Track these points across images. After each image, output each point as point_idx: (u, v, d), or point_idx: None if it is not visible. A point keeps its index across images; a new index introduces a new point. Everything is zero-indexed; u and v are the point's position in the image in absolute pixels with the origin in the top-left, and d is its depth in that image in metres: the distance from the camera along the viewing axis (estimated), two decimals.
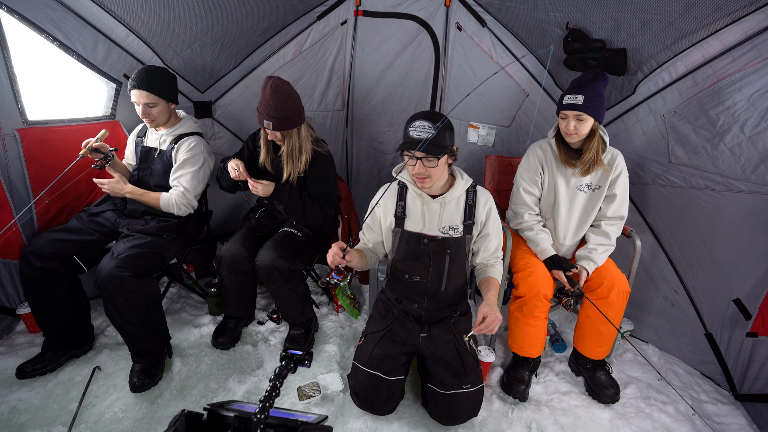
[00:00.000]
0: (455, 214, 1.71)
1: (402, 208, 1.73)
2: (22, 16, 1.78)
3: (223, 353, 2.12)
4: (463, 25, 2.53)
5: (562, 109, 1.82)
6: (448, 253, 1.71)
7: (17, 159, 1.91)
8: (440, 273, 1.74)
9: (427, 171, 1.57)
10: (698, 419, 1.85)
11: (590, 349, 1.97)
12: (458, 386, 1.64)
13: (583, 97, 1.75)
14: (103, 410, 1.72)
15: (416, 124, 1.54)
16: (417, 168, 1.56)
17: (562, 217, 1.99)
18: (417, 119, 1.55)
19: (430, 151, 1.52)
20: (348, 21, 2.65)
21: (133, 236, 1.91)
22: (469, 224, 1.71)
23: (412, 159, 1.56)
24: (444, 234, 1.70)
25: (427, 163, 1.55)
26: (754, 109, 1.69)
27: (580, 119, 1.79)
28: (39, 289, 1.80)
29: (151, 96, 1.93)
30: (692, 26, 1.73)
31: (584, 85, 1.77)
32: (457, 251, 1.72)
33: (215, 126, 2.74)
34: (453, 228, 1.70)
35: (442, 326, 1.78)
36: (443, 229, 1.70)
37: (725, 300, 1.98)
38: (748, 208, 1.81)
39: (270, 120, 1.90)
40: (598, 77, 1.79)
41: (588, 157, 1.85)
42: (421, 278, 1.76)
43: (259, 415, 0.86)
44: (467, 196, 1.73)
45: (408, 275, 1.77)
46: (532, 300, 1.85)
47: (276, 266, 1.96)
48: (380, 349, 1.71)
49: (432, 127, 1.51)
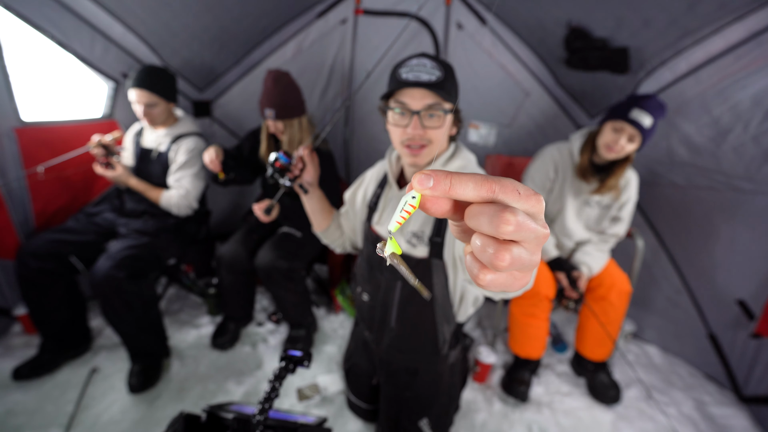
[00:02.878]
0: (427, 217, 1.14)
1: (377, 197, 1.27)
2: (18, 13, 1.76)
3: (222, 354, 2.10)
4: (463, 24, 2.52)
5: (623, 120, 1.65)
6: (399, 277, 1.21)
7: (14, 159, 1.89)
8: (389, 302, 1.25)
9: (426, 134, 1.03)
10: (701, 420, 1.83)
11: (591, 351, 1.96)
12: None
13: (652, 121, 1.62)
14: (101, 412, 1.70)
15: (413, 63, 1.01)
16: (412, 127, 1.02)
17: (566, 225, 1.96)
18: (413, 58, 1.03)
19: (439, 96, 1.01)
20: (348, 19, 2.64)
21: (130, 236, 1.90)
22: (436, 242, 1.11)
23: (403, 115, 1.03)
24: (406, 242, 1.16)
25: (428, 121, 1.02)
26: (758, 108, 1.67)
27: (633, 140, 1.67)
28: (36, 289, 1.79)
29: (151, 96, 1.91)
30: (695, 24, 1.72)
31: (655, 110, 1.63)
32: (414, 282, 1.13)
33: (214, 125, 2.73)
34: (418, 236, 1.14)
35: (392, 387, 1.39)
36: (407, 236, 1.17)
37: (728, 301, 1.96)
38: (751, 208, 1.80)
39: (272, 109, 1.91)
40: (664, 107, 1.66)
41: (611, 183, 1.79)
42: (370, 298, 1.31)
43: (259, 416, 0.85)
44: None
45: (360, 289, 1.35)
46: (533, 300, 1.84)
47: (276, 266, 1.94)
48: (354, 384, 1.67)
49: (437, 67, 1.01)
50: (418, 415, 1.36)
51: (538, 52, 2.42)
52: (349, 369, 1.64)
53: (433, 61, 1.02)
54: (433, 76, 1.00)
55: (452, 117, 1.07)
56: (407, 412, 1.37)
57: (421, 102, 1.00)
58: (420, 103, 1.00)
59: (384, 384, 1.42)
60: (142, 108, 1.93)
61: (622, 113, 1.66)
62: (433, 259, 1.14)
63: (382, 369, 1.41)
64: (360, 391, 1.65)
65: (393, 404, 1.40)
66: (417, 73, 1.00)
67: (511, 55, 2.48)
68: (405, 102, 1.01)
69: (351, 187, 1.37)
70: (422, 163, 1.09)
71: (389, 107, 1.05)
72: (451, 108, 1.04)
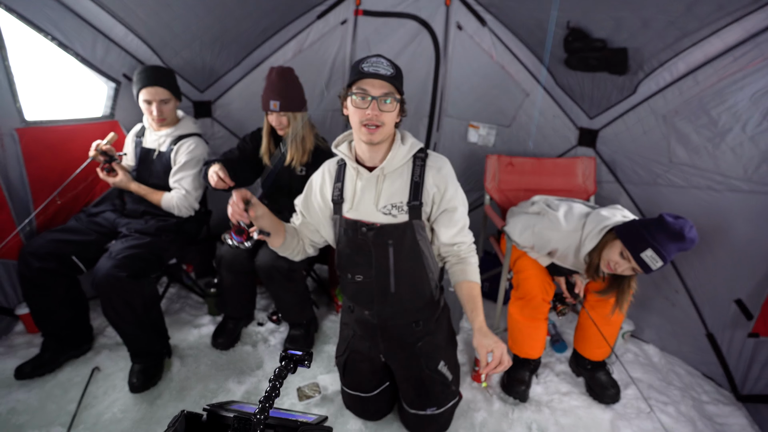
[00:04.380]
0: (400, 189, 1.35)
1: (339, 190, 1.40)
2: (20, 15, 1.77)
3: (222, 354, 2.11)
4: (463, 25, 2.52)
5: (631, 255, 1.50)
6: (390, 243, 1.36)
7: (16, 159, 1.90)
8: (385, 270, 1.40)
9: (381, 116, 1.23)
10: (699, 419, 1.84)
11: (590, 351, 1.97)
12: (422, 408, 1.57)
13: (662, 266, 1.47)
14: (102, 411, 1.71)
15: (372, 60, 1.23)
16: (371, 109, 1.22)
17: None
18: (371, 56, 1.25)
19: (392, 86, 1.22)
20: (348, 20, 2.64)
21: (132, 236, 1.91)
22: (415, 206, 1.33)
23: (364, 99, 1.22)
24: (386, 215, 1.35)
25: (383, 105, 1.23)
26: (756, 109, 1.68)
27: (636, 271, 1.56)
28: (37, 289, 1.80)
29: (165, 92, 1.94)
30: (693, 25, 1.72)
31: (675, 252, 1.46)
32: (402, 241, 1.36)
33: (215, 126, 2.73)
34: (396, 206, 1.34)
35: (404, 348, 1.52)
36: (384, 209, 1.35)
37: (726, 300, 1.97)
38: (749, 208, 1.80)
39: (277, 100, 1.92)
40: (692, 241, 1.44)
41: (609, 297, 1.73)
42: (364, 277, 1.43)
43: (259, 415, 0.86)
44: (414, 169, 1.36)
45: (351, 275, 1.46)
46: (532, 302, 1.85)
47: (275, 266, 1.95)
48: (350, 374, 1.66)
49: (390, 65, 1.24)
50: (435, 361, 1.51)
51: (537, 53, 2.43)
52: (346, 360, 1.62)
53: (387, 61, 1.25)
54: (388, 71, 1.22)
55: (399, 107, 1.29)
56: (426, 361, 1.51)
57: (379, 90, 1.22)
58: (378, 90, 1.22)
59: (396, 350, 1.53)
60: (156, 105, 1.94)
61: (635, 247, 1.48)
62: (414, 220, 1.35)
63: (387, 338, 1.52)
64: (360, 380, 1.65)
65: (412, 362, 1.51)
66: (376, 68, 1.22)
67: (511, 55, 2.49)
68: (366, 89, 1.22)
69: (300, 198, 1.51)
70: (376, 140, 1.28)
71: (351, 93, 1.25)
72: (400, 98, 1.28)
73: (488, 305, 2.63)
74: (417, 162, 1.36)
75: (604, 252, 1.59)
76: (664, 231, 1.43)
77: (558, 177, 2.41)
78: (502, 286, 2.14)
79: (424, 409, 1.56)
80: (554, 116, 2.49)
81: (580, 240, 1.67)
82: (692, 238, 1.43)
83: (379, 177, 1.35)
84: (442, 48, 2.65)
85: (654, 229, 1.45)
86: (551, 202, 1.88)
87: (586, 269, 1.70)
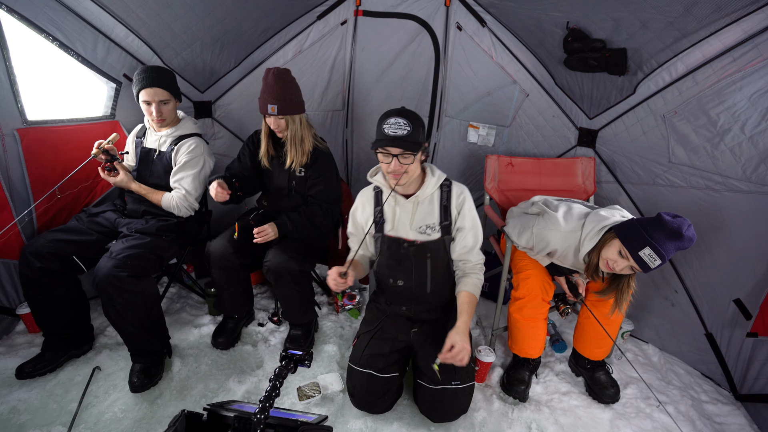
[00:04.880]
0: (430, 212, 1.69)
1: (380, 213, 1.73)
2: (21, 16, 1.77)
3: (222, 353, 2.11)
4: (463, 25, 2.53)
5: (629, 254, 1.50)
6: (428, 257, 1.71)
7: (17, 159, 1.90)
8: (423, 276, 1.75)
9: (402, 168, 1.55)
10: (698, 418, 1.85)
11: (590, 350, 1.97)
12: (447, 382, 1.63)
13: (660, 264, 1.45)
14: (103, 410, 1.72)
15: (391, 122, 1.51)
16: (393, 165, 1.54)
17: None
18: (391, 116, 1.53)
19: (407, 148, 1.50)
20: (348, 21, 2.65)
21: (132, 236, 1.91)
22: (446, 225, 1.69)
23: (387, 156, 1.54)
24: (422, 234, 1.69)
25: (403, 159, 1.53)
26: (755, 109, 1.69)
27: (634, 269, 1.55)
28: (38, 289, 1.80)
29: (164, 93, 1.94)
30: (692, 26, 1.73)
31: (674, 251, 1.45)
32: (438, 253, 1.72)
33: (215, 126, 2.74)
34: (430, 227, 1.69)
35: (434, 323, 1.81)
36: (420, 228, 1.69)
37: (725, 300, 1.98)
38: (748, 208, 1.81)
39: (275, 103, 1.91)
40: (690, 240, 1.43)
41: (608, 297, 1.74)
42: (405, 282, 1.77)
43: (259, 415, 0.86)
44: (441, 195, 1.69)
45: (392, 279, 1.79)
46: (531, 302, 1.85)
47: (287, 267, 1.94)
48: (371, 348, 1.74)
49: (407, 123, 1.50)
50: None
51: (536, 53, 2.43)
52: (372, 334, 1.79)
53: (405, 119, 1.51)
54: (405, 131, 1.50)
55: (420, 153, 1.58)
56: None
57: (397, 150, 1.52)
58: (397, 150, 1.52)
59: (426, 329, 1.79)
60: (155, 106, 1.94)
61: (633, 245, 1.48)
62: (445, 236, 1.70)
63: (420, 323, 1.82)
64: (377, 358, 1.71)
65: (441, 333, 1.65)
66: (395, 130, 1.51)
67: (511, 56, 2.49)
68: (387, 150, 1.54)
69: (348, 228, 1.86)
70: (402, 183, 1.62)
71: (377, 150, 1.57)
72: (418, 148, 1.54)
73: (488, 305, 2.64)
74: (444, 189, 1.70)
75: (603, 251, 1.59)
76: (662, 229, 1.43)
77: (558, 177, 2.41)
78: (502, 286, 2.14)
79: (449, 383, 1.63)
80: (554, 116, 2.49)
81: (580, 240, 1.68)
82: (690, 236, 1.42)
83: (414, 203, 1.68)
84: (442, 48, 2.65)
85: (652, 227, 1.45)
86: (550, 203, 1.88)
87: (585, 269, 1.71)
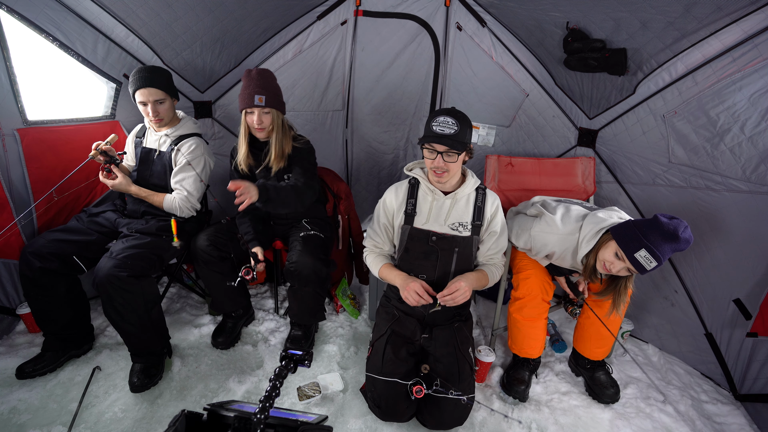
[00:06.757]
0: (464, 211, 1.73)
1: (413, 205, 1.75)
2: (21, 16, 1.78)
3: (222, 353, 2.11)
4: (463, 25, 2.53)
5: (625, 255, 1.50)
6: (456, 251, 1.72)
7: (17, 159, 1.90)
8: (446, 272, 1.74)
9: (446, 165, 1.60)
10: (698, 418, 1.85)
11: (590, 350, 1.97)
12: (447, 389, 1.62)
13: (656, 266, 1.45)
14: (103, 410, 1.72)
15: (440, 120, 1.56)
16: (437, 162, 1.59)
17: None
18: (441, 115, 1.58)
19: (453, 147, 1.55)
20: (348, 21, 2.65)
21: (132, 236, 1.91)
22: (477, 225, 1.73)
23: (432, 152, 1.59)
24: (453, 230, 1.72)
25: (447, 158, 1.58)
26: (754, 109, 1.69)
27: (630, 272, 1.56)
28: (38, 289, 1.80)
29: (159, 92, 1.93)
30: (692, 26, 1.73)
31: (670, 253, 1.45)
32: (464, 250, 1.73)
33: (215, 126, 2.74)
34: (462, 225, 1.72)
35: (445, 329, 1.78)
36: (453, 225, 1.72)
37: (725, 300, 1.98)
38: (748, 208, 1.81)
39: (262, 93, 1.85)
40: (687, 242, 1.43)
41: (606, 299, 1.74)
42: (428, 277, 1.76)
43: (259, 415, 0.87)
44: (477, 197, 1.74)
45: (415, 273, 1.76)
46: (531, 302, 1.85)
47: (315, 270, 1.93)
48: (389, 355, 1.70)
49: (455, 123, 1.55)
50: (467, 345, 1.77)
51: (536, 53, 2.43)
52: (387, 340, 1.75)
53: (453, 119, 1.56)
54: (452, 130, 1.55)
55: (464, 153, 1.63)
56: (460, 342, 1.75)
57: (443, 147, 1.57)
58: (442, 147, 1.57)
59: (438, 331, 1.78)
60: (151, 106, 1.94)
61: (629, 247, 1.48)
62: (474, 236, 1.75)
63: (435, 325, 1.80)
64: (399, 364, 1.67)
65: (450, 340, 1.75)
66: (443, 128, 1.56)
67: (511, 56, 2.49)
68: (433, 146, 1.58)
69: (374, 227, 1.86)
70: (443, 181, 1.67)
71: (423, 146, 1.62)
72: (464, 148, 1.59)
73: (488, 305, 2.64)
74: (479, 192, 1.75)
75: (600, 252, 1.60)
76: (658, 231, 1.43)
77: (557, 177, 2.41)
78: (502, 286, 2.14)
79: (449, 390, 1.63)
80: (554, 116, 2.50)
81: (578, 243, 1.68)
82: (686, 238, 1.42)
83: (453, 200, 1.72)
84: (442, 48, 2.65)
85: (648, 229, 1.45)
86: (548, 204, 1.88)
87: (582, 271, 1.71)
